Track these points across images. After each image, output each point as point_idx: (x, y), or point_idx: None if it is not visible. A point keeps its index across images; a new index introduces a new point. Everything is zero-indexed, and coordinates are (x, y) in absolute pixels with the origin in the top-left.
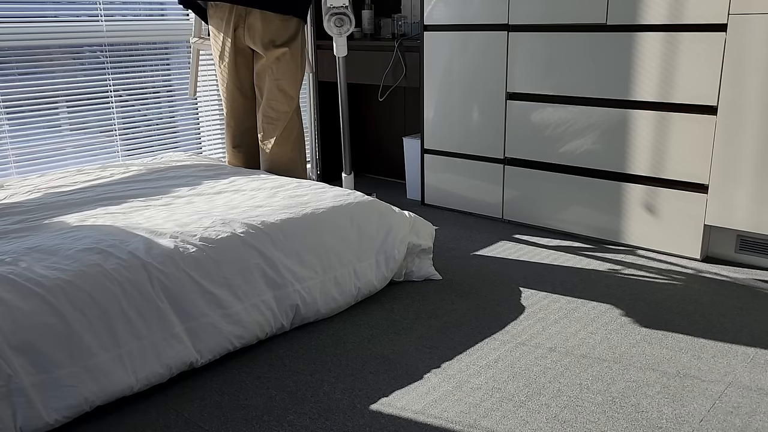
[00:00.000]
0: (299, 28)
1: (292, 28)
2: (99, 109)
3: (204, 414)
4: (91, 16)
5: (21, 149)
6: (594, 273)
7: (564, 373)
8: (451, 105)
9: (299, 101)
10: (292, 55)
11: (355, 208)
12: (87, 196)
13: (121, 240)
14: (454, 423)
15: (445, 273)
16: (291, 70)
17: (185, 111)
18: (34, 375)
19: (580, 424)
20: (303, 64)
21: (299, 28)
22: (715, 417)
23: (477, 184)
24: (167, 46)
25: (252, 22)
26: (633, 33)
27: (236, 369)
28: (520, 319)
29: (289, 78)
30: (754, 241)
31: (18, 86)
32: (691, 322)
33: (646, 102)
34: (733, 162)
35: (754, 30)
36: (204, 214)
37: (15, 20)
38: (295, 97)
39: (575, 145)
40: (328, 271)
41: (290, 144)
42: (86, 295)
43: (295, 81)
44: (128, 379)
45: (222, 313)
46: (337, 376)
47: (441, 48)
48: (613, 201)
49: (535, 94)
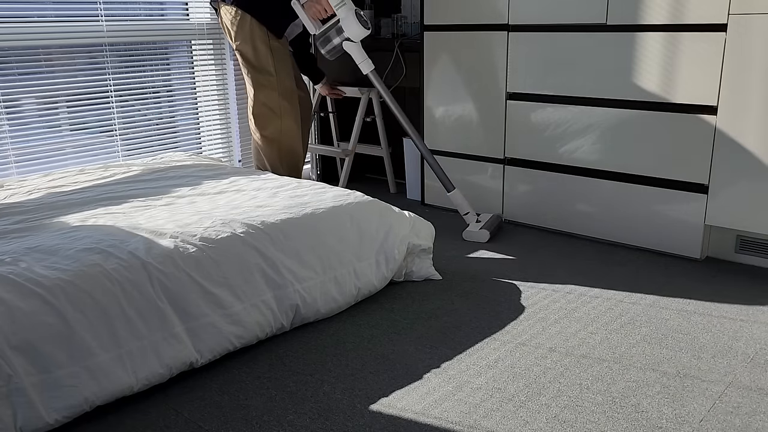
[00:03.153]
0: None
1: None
2: (99, 109)
3: (204, 414)
4: (91, 16)
5: (21, 149)
6: (594, 273)
7: (564, 373)
8: (451, 105)
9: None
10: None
11: (355, 208)
12: (87, 196)
13: (121, 240)
14: (454, 423)
15: (445, 273)
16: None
17: (185, 111)
18: (34, 375)
19: (581, 424)
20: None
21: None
22: (715, 417)
23: (477, 184)
24: (167, 46)
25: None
26: (633, 33)
27: (236, 369)
28: (520, 319)
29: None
30: (754, 241)
31: (18, 86)
32: (691, 322)
33: (646, 102)
34: (733, 162)
35: (754, 30)
36: (205, 214)
37: (15, 20)
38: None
39: (575, 145)
40: (328, 271)
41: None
42: (86, 295)
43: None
44: (128, 379)
45: (222, 313)
46: (337, 376)
47: (441, 48)
48: (613, 201)
49: (535, 94)
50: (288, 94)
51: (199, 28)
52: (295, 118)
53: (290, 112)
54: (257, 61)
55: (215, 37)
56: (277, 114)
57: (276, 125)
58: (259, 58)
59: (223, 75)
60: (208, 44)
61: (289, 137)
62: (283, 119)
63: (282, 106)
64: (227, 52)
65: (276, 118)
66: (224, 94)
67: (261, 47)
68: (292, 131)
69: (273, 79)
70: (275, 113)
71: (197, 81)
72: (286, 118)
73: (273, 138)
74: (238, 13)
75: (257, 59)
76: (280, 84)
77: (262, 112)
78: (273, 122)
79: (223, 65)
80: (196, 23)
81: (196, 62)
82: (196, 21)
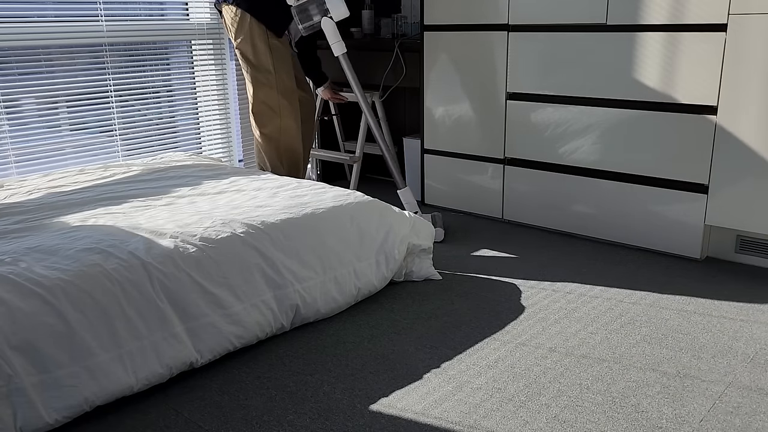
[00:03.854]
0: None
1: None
2: (99, 109)
3: (204, 414)
4: (91, 16)
5: (21, 149)
6: (594, 273)
7: (564, 373)
8: (451, 105)
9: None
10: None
11: (355, 208)
12: (87, 196)
13: (121, 240)
14: (454, 424)
15: (445, 273)
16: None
17: (185, 111)
18: (34, 375)
19: (581, 424)
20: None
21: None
22: (715, 417)
23: (477, 184)
24: (167, 46)
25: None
26: (633, 33)
27: (236, 369)
28: (520, 319)
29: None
30: (754, 241)
31: (18, 86)
32: (691, 322)
33: (646, 102)
34: (733, 162)
35: (754, 30)
36: (205, 214)
37: (15, 20)
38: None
39: (575, 145)
40: (328, 271)
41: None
42: (86, 295)
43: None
44: (128, 379)
45: (222, 313)
46: (337, 376)
47: (441, 48)
48: (613, 201)
49: (535, 94)
50: (287, 92)
51: (199, 28)
52: (294, 117)
53: (290, 110)
54: (256, 59)
55: (215, 37)
56: (276, 112)
57: (275, 124)
58: (258, 56)
59: (223, 75)
60: (208, 44)
61: (289, 136)
62: (282, 118)
63: (281, 105)
64: (227, 52)
65: (275, 117)
66: (224, 94)
67: (260, 45)
68: (292, 130)
69: (272, 77)
70: (274, 111)
71: (197, 81)
72: (286, 116)
73: (272, 136)
74: (237, 12)
75: (256, 57)
76: (280, 82)
77: (262, 110)
78: (272, 120)
79: (223, 65)
80: (196, 23)
81: (196, 62)
82: (196, 21)
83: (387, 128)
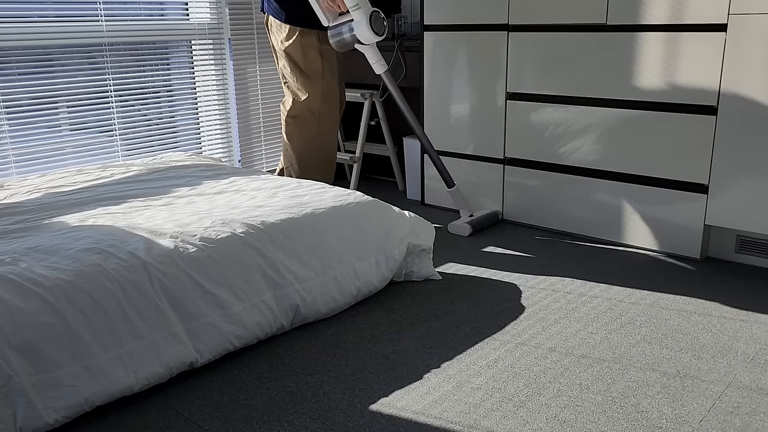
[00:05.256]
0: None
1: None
2: (99, 109)
3: (204, 414)
4: (91, 16)
5: (21, 149)
6: (594, 273)
7: (564, 373)
8: (451, 105)
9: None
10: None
11: (355, 208)
12: (87, 196)
13: (121, 240)
14: (454, 423)
15: (445, 273)
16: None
17: (185, 111)
18: (34, 375)
19: (581, 424)
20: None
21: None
22: (715, 417)
23: (477, 184)
24: (167, 46)
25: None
26: (633, 33)
27: (236, 369)
28: (520, 319)
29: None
30: (754, 241)
31: (18, 86)
32: (691, 322)
33: (646, 102)
34: (733, 162)
35: (754, 30)
36: (204, 214)
37: (15, 20)
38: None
39: (575, 145)
40: (328, 271)
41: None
42: (86, 295)
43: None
44: (128, 379)
45: (222, 313)
46: (337, 376)
47: (441, 48)
48: (613, 201)
49: (535, 94)
50: (330, 96)
51: (199, 28)
52: (333, 119)
53: (329, 114)
54: (306, 64)
55: (215, 37)
56: (316, 116)
57: (314, 128)
58: (308, 61)
59: (224, 75)
60: (208, 44)
61: (327, 141)
62: (321, 121)
63: (322, 110)
64: (227, 52)
65: (315, 121)
66: (224, 94)
67: (311, 52)
68: (330, 135)
69: (319, 82)
70: (314, 115)
71: (197, 81)
72: (325, 120)
73: (312, 140)
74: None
75: (306, 63)
76: (326, 86)
77: (303, 114)
78: (312, 125)
79: (223, 65)
80: (196, 23)
81: (196, 62)
82: (196, 21)
83: (387, 128)
